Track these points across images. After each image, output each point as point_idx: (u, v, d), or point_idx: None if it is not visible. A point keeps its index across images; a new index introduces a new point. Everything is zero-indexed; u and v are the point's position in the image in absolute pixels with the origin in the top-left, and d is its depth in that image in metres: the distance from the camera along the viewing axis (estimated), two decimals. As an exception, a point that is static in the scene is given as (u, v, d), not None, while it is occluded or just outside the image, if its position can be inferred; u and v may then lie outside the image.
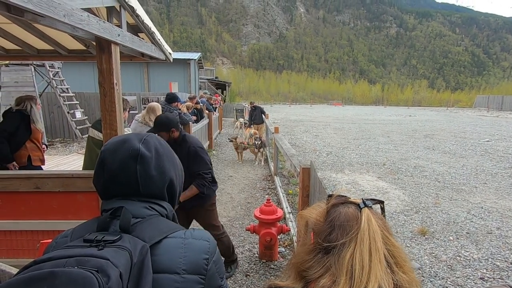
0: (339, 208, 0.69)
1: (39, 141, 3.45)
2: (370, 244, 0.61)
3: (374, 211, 0.69)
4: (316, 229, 0.69)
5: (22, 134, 3.20)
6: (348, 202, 0.70)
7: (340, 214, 0.67)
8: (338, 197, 0.72)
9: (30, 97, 3.41)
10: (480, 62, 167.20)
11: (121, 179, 0.69)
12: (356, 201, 0.69)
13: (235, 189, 5.64)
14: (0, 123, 3.17)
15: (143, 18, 2.81)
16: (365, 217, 0.65)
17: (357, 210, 0.67)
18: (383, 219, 0.69)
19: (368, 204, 0.68)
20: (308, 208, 0.75)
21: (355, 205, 0.69)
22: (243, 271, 2.99)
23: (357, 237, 0.63)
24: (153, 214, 0.70)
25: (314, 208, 0.74)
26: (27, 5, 1.46)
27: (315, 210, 0.73)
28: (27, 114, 3.25)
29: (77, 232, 0.68)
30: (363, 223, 0.64)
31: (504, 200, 5.20)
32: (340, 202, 0.70)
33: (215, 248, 0.71)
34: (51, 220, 2.50)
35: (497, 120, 21.60)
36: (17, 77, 8.63)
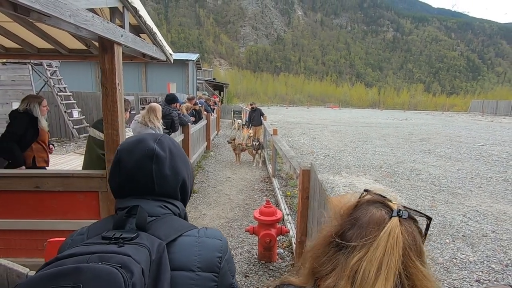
0: (369, 207, 0.62)
1: (45, 142, 3.40)
2: (383, 258, 0.54)
3: (412, 224, 0.60)
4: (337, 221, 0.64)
5: (30, 135, 3.16)
6: (382, 203, 0.62)
7: (366, 214, 0.60)
8: (375, 195, 0.65)
9: (35, 96, 3.36)
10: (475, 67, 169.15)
11: (137, 178, 0.71)
12: (392, 206, 0.61)
13: (233, 190, 5.65)
14: (8, 125, 3.11)
15: (145, 19, 2.83)
16: (389, 227, 0.57)
17: (387, 216, 0.59)
18: (415, 237, 0.59)
19: (401, 214, 0.59)
20: (339, 196, 0.70)
21: (388, 209, 0.60)
22: (242, 272, 3.00)
23: (371, 244, 0.56)
24: (167, 213, 0.71)
25: (345, 198, 0.67)
26: (34, 5, 1.47)
27: (344, 200, 0.67)
28: (34, 115, 3.20)
29: (93, 230, 0.69)
30: (383, 233, 0.56)
31: (499, 204, 5.27)
32: (374, 200, 0.63)
33: (227, 246, 0.73)
34: (51, 220, 2.49)
35: (492, 125, 21.86)
36: (14, 76, 8.58)
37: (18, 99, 8.60)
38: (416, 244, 0.58)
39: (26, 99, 3.25)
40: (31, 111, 3.18)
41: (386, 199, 0.64)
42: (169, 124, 4.94)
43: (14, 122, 3.11)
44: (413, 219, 0.62)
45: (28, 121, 3.14)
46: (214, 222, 4.19)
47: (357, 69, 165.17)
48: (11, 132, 3.04)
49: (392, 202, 0.63)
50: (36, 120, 3.22)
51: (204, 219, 4.30)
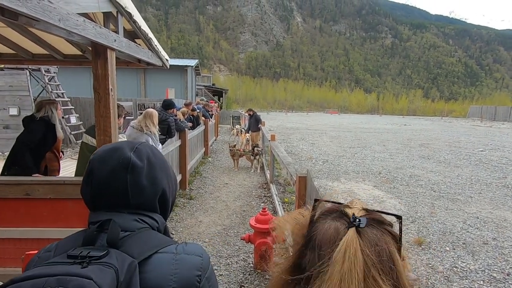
0: (326, 220, 0.49)
1: (59, 150, 3.23)
2: (341, 283, 0.42)
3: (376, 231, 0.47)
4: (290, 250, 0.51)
5: (47, 144, 3.00)
6: (341, 212, 0.50)
7: (320, 230, 0.48)
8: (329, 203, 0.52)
9: (50, 101, 3.19)
10: (473, 73, 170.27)
11: (110, 189, 0.66)
12: (348, 212, 0.49)
13: (230, 196, 5.58)
14: (25, 133, 2.93)
15: (140, 24, 2.81)
16: (343, 243, 0.44)
17: (343, 227, 0.47)
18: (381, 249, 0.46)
19: (358, 223, 0.46)
20: (286, 215, 0.57)
21: (346, 218, 0.48)
22: (238, 281, 2.92)
23: (325, 271, 0.44)
24: (144, 227, 0.66)
25: (293, 216, 0.55)
26: (21, 9, 1.44)
27: (293, 218, 0.55)
28: (52, 122, 3.03)
29: (62, 246, 0.64)
30: (337, 253, 0.44)
31: (499, 210, 5.21)
32: (330, 210, 0.51)
33: (208, 263, 0.68)
34: (41, 228, 2.43)
35: (491, 130, 21.87)
36: (11, 81, 8.55)
37: (15, 104, 8.57)
38: (381, 259, 0.45)
39: (41, 105, 3.06)
40: (48, 118, 3.01)
41: (342, 205, 0.51)
42: (165, 129, 4.89)
43: (30, 130, 2.93)
44: (380, 222, 0.49)
45: (46, 129, 2.98)
46: (210, 229, 4.12)
47: (356, 75, 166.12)
48: (27, 141, 2.85)
49: (351, 206, 0.51)
50: (54, 127, 3.05)
51: (200, 226, 4.23)
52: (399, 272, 0.46)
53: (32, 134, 2.87)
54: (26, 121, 2.97)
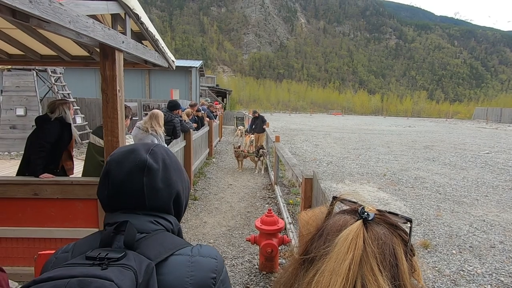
0: (338, 214, 0.54)
1: (72, 148, 3.22)
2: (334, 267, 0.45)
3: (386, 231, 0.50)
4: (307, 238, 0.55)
5: (63, 143, 2.99)
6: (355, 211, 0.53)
7: (331, 221, 0.52)
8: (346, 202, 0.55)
9: (63, 101, 3.17)
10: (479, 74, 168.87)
11: (126, 191, 0.66)
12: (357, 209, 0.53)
13: (234, 197, 5.59)
14: (40, 134, 2.86)
15: (147, 25, 2.82)
16: (349, 230, 0.48)
17: (352, 220, 0.51)
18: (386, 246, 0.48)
19: (365, 216, 0.49)
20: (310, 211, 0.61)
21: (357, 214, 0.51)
22: (243, 283, 2.92)
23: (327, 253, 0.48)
24: (159, 229, 0.67)
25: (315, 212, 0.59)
26: (32, 11, 1.45)
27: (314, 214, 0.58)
28: (67, 122, 3.02)
29: (79, 247, 0.65)
30: (339, 238, 0.47)
31: (506, 213, 5.16)
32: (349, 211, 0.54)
33: (223, 266, 0.68)
34: (49, 228, 2.45)
35: (496, 132, 21.66)
36: (18, 82, 8.65)
37: (22, 105, 8.66)
38: (383, 252, 0.47)
39: (55, 105, 3.02)
40: (63, 118, 3.00)
41: (357, 204, 0.54)
42: (170, 130, 4.91)
43: (46, 131, 2.87)
44: (391, 225, 0.51)
45: (61, 129, 2.96)
46: (215, 230, 4.12)
47: (360, 76, 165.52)
48: (44, 142, 2.80)
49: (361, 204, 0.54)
50: (70, 127, 3.05)
51: (205, 227, 4.24)
52: (401, 271, 0.47)
53: (49, 135, 2.83)
54: (40, 121, 2.92)
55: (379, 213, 0.52)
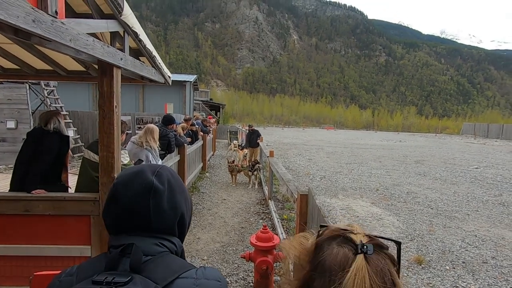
0: (331, 246, 0.52)
1: (68, 161, 3.12)
2: None
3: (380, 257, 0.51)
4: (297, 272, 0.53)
5: (62, 157, 2.91)
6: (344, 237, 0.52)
7: (328, 255, 0.50)
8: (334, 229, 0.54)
9: (56, 112, 3.07)
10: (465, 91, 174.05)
11: (133, 213, 0.67)
12: (355, 240, 0.51)
13: (228, 213, 5.54)
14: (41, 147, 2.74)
15: (145, 43, 2.87)
16: (353, 270, 0.47)
17: (351, 254, 0.49)
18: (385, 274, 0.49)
19: (366, 250, 0.49)
20: (292, 239, 0.58)
21: (352, 244, 0.51)
22: (237, 301, 2.87)
23: None
24: (164, 251, 0.67)
25: (299, 241, 0.57)
26: (35, 30, 1.47)
27: (299, 243, 0.56)
28: (65, 134, 2.94)
29: (84, 270, 0.64)
30: (347, 280, 0.46)
31: (497, 228, 5.22)
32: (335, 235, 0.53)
33: (226, 287, 0.69)
34: (40, 245, 2.39)
35: (484, 148, 22.16)
36: (10, 95, 8.56)
37: (13, 118, 8.54)
38: (386, 283, 0.49)
39: (49, 116, 2.90)
40: (60, 130, 2.91)
41: (347, 231, 0.53)
42: (165, 145, 4.90)
43: (47, 144, 2.77)
44: (381, 247, 0.53)
45: (60, 141, 2.88)
46: (208, 247, 4.06)
47: (351, 91, 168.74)
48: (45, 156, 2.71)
49: (355, 232, 0.53)
50: (67, 139, 2.96)
51: (198, 243, 4.17)
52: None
53: (51, 148, 2.76)
54: (38, 134, 2.80)
55: (371, 240, 0.52)
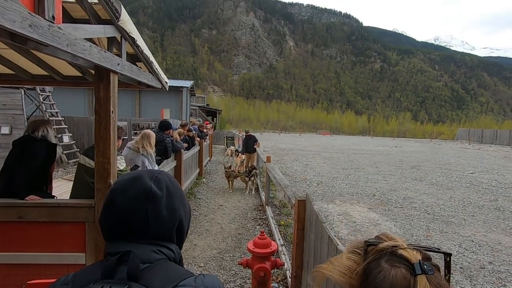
0: (381, 266, 0.47)
1: (53, 170, 3.07)
2: None
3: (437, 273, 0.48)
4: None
5: (48, 166, 2.86)
6: (398, 257, 0.48)
7: (384, 280, 0.46)
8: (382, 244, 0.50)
9: (44, 120, 3.03)
10: (459, 97, 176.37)
11: (130, 220, 0.66)
12: (409, 258, 0.47)
13: (225, 219, 5.50)
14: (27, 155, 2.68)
15: (142, 48, 2.87)
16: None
17: (409, 275, 0.45)
18: None
19: (427, 270, 0.46)
20: (330, 261, 0.53)
21: (406, 263, 0.47)
22: (235, 309, 2.83)
23: None
24: (162, 258, 0.66)
25: (339, 262, 0.51)
26: (32, 35, 1.46)
27: (341, 265, 0.51)
28: (53, 142, 2.88)
29: (79, 279, 0.63)
30: None
31: (493, 233, 5.24)
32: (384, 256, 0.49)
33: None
34: (34, 253, 2.34)
35: (479, 153, 22.36)
36: (5, 100, 8.50)
37: (8, 123, 8.46)
38: None
39: (37, 124, 2.85)
40: (47, 138, 2.85)
41: (396, 247, 0.49)
42: (162, 151, 4.88)
43: (33, 151, 2.69)
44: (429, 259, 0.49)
45: (48, 149, 2.81)
46: (205, 253, 4.02)
47: (347, 97, 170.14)
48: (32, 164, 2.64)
49: (402, 246, 0.49)
50: (55, 147, 2.91)
51: (195, 250, 4.12)
52: None
53: (37, 156, 2.70)
54: (24, 142, 2.75)
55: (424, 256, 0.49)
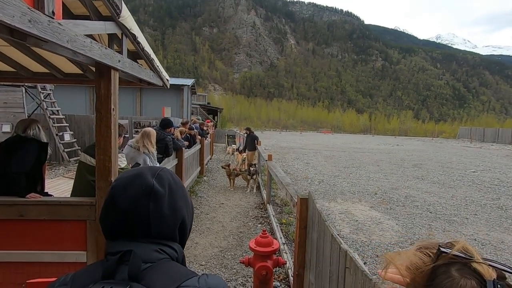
0: (450, 273, 0.47)
1: (45, 169, 3.05)
2: None
3: None
4: None
5: (41, 165, 2.82)
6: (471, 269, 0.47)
7: (451, 285, 0.46)
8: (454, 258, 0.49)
9: (34, 120, 3.00)
10: (461, 95, 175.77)
11: (131, 218, 0.64)
12: (483, 274, 0.46)
13: (226, 217, 5.48)
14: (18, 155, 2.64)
15: (143, 45, 2.84)
16: None
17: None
18: None
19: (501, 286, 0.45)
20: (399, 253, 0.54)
21: (480, 279, 0.46)
22: (236, 307, 2.82)
23: None
24: (164, 257, 0.64)
25: (407, 257, 0.52)
26: (31, 30, 1.44)
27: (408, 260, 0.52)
28: (44, 141, 2.85)
29: (79, 279, 0.61)
30: None
31: (496, 232, 5.21)
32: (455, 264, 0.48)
33: None
34: (34, 251, 2.33)
35: (481, 151, 22.28)
36: (6, 98, 8.50)
37: (9, 121, 8.46)
38: None
39: (27, 124, 2.84)
40: (38, 137, 2.83)
41: (471, 260, 0.48)
42: (162, 148, 4.86)
43: (25, 151, 2.67)
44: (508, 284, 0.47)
45: (38, 148, 2.78)
46: (206, 252, 4.01)
47: (348, 95, 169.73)
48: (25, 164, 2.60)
49: (477, 260, 0.48)
50: (46, 146, 2.86)
51: (196, 248, 4.11)
52: None
53: (30, 156, 2.67)
54: (15, 142, 2.70)
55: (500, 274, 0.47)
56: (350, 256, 1.52)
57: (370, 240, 4.63)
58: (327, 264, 1.92)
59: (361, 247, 4.37)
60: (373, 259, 4.04)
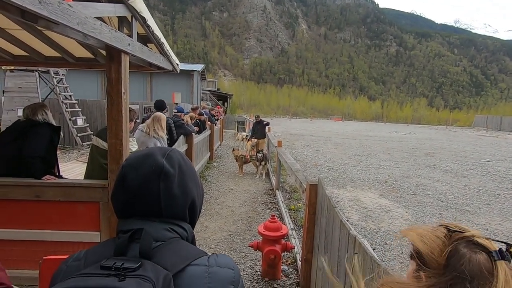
0: (465, 251, 0.52)
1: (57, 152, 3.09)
2: None
3: None
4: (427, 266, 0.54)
5: (54, 148, 2.87)
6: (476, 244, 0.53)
7: (469, 262, 0.51)
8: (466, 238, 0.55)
9: (42, 104, 3.02)
10: (478, 82, 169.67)
11: (142, 197, 0.64)
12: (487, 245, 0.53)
13: (236, 202, 5.55)
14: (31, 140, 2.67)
15: (153, 28, 2.82)
16: (502, 274, 0.49)
17: (489, 261, 0.51)
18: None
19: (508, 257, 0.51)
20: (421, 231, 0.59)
21: (486, 252, 0.52)
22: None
23: None
24: (174, 237, 0.64)
25: (431, 237, 0.57)
26: (42, 12, 1.44)
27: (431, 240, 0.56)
28: (55, 125, 2.89)
29: (92, 255, 0.62)
30: (500, 283, 0.48)
31: (509, 222, 5.12)
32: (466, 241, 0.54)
33: (239, 276, 0.66)
34: (50, 230, 2.42)
35: (497, 140, 21.67)
36: (21, 83, 8.65)
37: (24, 105, 8.64)
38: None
39: (36, 108, 2.85)
40: (49, 121, 2.86)
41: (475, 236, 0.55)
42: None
43: (39, 135, 2.69)
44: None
45: (51, 131, 2.81)
46: (216, 235, 4.08)
47: (360, 82, 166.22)
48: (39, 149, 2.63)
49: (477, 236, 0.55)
50: (59, 129, 2.90)
51: (206, 232, 4.19)
52: None
53: (42, 139, 2.69)
54: (26, 126, 2.73)
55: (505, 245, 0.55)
56: (359, 242, 1.51)
57: (379, 228, 4.62)
58: (336, 249, 1.93)
59: (369, 234, 4.37)
60: (381, 246, 4.04)
